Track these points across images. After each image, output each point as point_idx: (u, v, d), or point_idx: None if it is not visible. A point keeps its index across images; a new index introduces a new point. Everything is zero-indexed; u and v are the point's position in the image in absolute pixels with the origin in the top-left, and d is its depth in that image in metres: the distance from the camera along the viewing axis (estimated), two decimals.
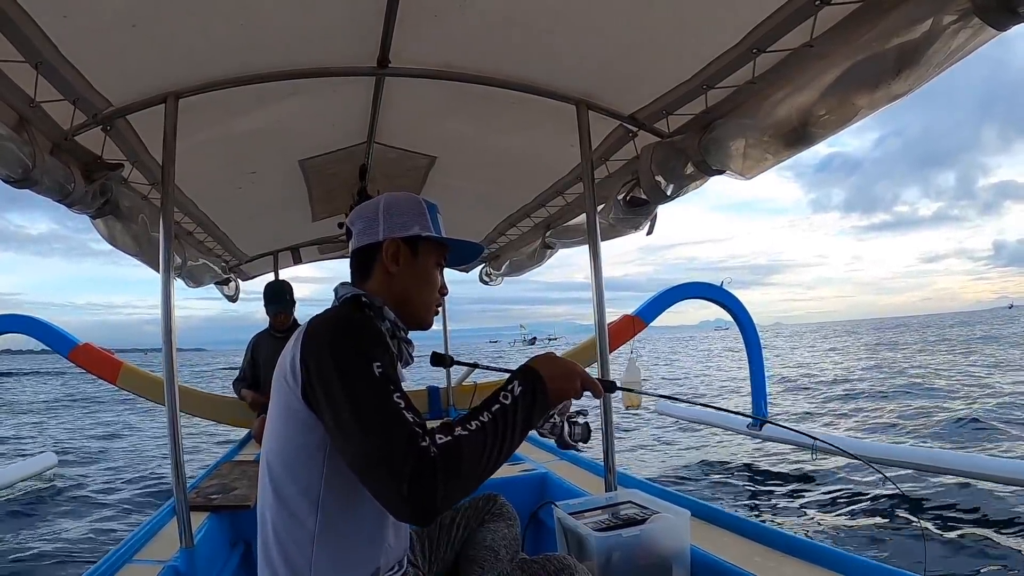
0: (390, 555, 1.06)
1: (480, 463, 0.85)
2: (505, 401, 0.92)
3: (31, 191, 1.69)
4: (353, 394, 0.86)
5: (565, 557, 1.27)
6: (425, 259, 1.14)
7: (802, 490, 4.98)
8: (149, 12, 1.42)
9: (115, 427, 11.23)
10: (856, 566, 1.33)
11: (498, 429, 0.88)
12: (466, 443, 0.84)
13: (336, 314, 1.03)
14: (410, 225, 1.12)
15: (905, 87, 1.25)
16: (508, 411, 0.91)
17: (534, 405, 0.95)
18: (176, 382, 1.68)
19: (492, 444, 0.87)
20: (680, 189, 2.13)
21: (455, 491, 0.82)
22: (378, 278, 1.12)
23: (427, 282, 1.15)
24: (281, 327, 3.79)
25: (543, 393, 0.97)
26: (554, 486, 2.30)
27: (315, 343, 0.94)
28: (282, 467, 0.98)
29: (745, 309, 4.87)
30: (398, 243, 1.11)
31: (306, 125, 2.39)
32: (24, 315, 4.22)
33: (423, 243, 1.13)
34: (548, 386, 0.98)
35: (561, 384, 1.00)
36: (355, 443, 0.84)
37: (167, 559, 1.56)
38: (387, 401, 0.85)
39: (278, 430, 1.00)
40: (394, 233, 1.11)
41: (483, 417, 0.89)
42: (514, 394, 0.94)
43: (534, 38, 1.74)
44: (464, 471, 0.82)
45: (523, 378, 0.97)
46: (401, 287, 1.12)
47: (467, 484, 0.84)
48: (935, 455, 4.50)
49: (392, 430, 0.82)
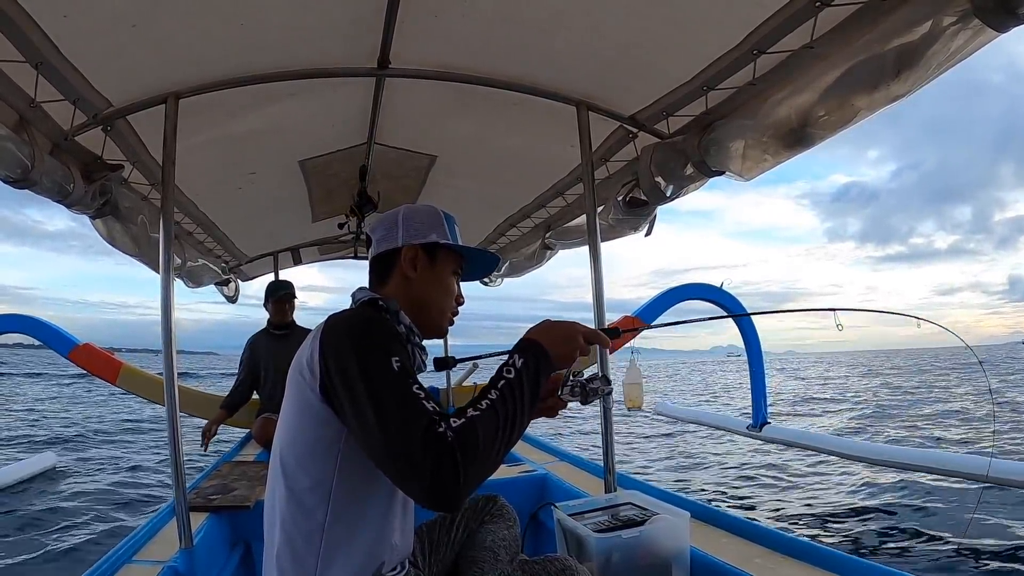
0: (394, 555, 1.06)
1: (495, 441, 0.86)
2: (509, 376, 0.93)
3: (31, 191, 1.69)
4: (373, 388, 0.87)
5: (566, 558, 1.27)
6: (442, 267, 1.17)
7: (801, 491, 4.98)
8: (149, 12, 1.42)
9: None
10: (855, 567, 1.33)
11: (507, 405, 0.89)
12: (479, 422, 0.85)
13: (355, 312, 1.06)
14: (428, 232, 1.15)
15: (905, 88, 1.26)
16: (514, 385, 0.92)
17: (539, 374, 0.96)
18: (176, 382, 1.68)
19: (504, 420, 0.88)
20: (680, 190, 2.13)
21: (476, 472, 0.83)
22: (396, 283, 1.15)
23: (444, 289, 1.17)
24: (283, 322, 3.78)
25: (546, 359, 0.98)
26: (554, 487, 2.30)
27: (334, 338, 0.95)
28: (295, 461, 0.99)
29: (744, 309, 4.87)
30: (416, 249, 1.14)
31: (306, 125, 2.39)
32: (25, 315, 4.22)
33: (441, 251, 1.16)
34: (549, 351, 0.99)
35: (563, 348, 1.01)
36: (376, 436, 0.85)
37: (166, 559, 1.56)
38: (407, 392, 0.86)
39: (293, 424, 1.00)
40: (413, 240, 1.14)
41: (492, 395, 0.90)
42: (516, 367, 0.95)
43: (534, 39, 1.74)
44: (481, 450, 0.83)
45: (523, 350, 0.98)
46: (418, 293, 1.14)
47: (486, 463, 0.85)
48: (937, 456, 4.48)
49: (412, 421, 0.83)
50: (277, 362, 3.66)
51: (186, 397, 4.25)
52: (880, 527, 3.95)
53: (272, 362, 3.70)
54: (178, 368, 1.71)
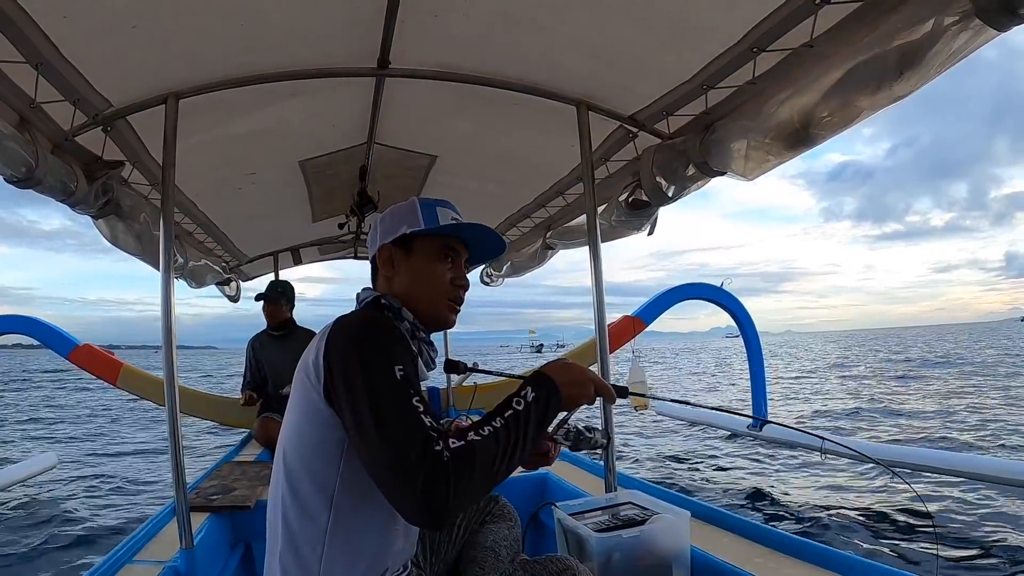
0: (397, 559, 1.06)
1: (492, 469, 0.86)
2: (518, 407, 0.93)
3: (34, 191, 1.69)
4: (374, 395, 0.87)
5: (567, 558, 1.27)
6: (420, 256, 1.13)
7: (802, 490, 4.98)
8: (149, 13, 1.42)
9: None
10: (856, 567, 1.33)
11: (511, 435, 0.89)
12: (479, 448, 0.85)
13: (361, 315, 1.05)
14: (399, 227, 1.13)
15: (907, 88, 1.25)
16: (521, 417, 0.92)
17: (547, 411, 0.96)
18: (176, 382, 1.68)
19: (504, 450, 0.87)
20: (682, 190, 2.13)
21: (466, 496, 0.83)
22: (382, 286, 1.15)
23: (427, 278, 1.13)
24: (274, 323, 3.78)
25: (556, 399, 0.97)
26: (554, 487, 2.30)
27: (339, 342, 0.95)
28: (299, 463, 0.99)
29: (745, 309, 4.87)
30: (389, 248, 1.13)
31: (306, 126, 2.39)
32: (25, 316, 4.22)
33: (417, 241, 1.13)
34: (561, 392, 0.98)
35: (574, 390, 1.00)
36: (371, 444, 0.85)
37: (167, 560, 1.56)
38: (406, 404, 0.86)
39: (298, 426, 1.00)
40: (385, 239, 1.14)
41: (496, 423, 0.89)
42: (527, 400, 0.94)
43: (534, 38, 1.74)
44: (476, 476, 0.83)
45: (536, 385, 0.97)
46: (402, 289, 1.12)
47: (478, 489, 0.85)
48: (942, 456, 4.47)
49: (408, 435, 0.83)
50: (276, 362, 3.67)
51: (186, 397, 4.25)
52: (880, 527, 3.95)
53: (271, 363, 3.71)
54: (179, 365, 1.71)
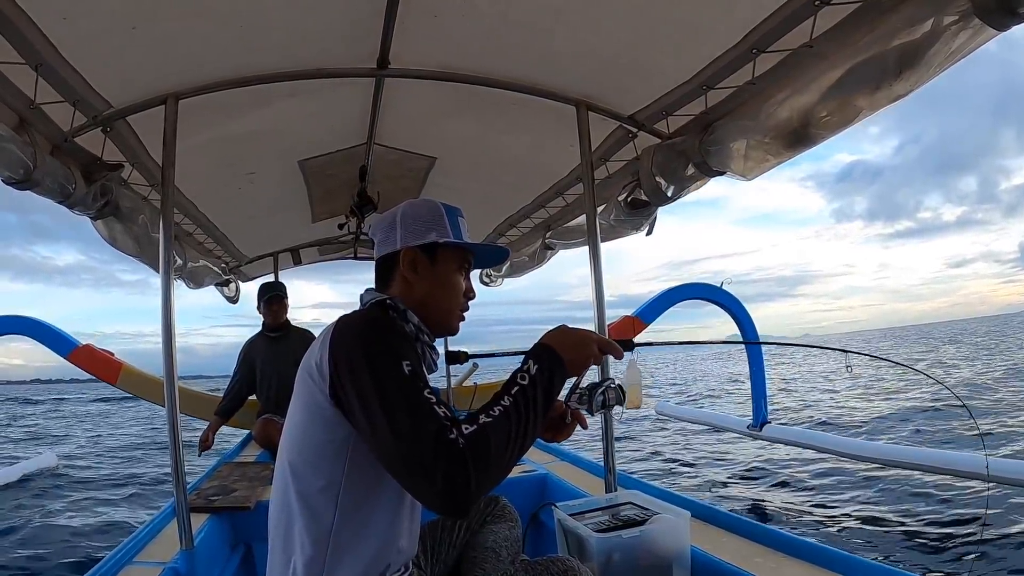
0: (399, 558, 1.06)
1: (507, 448, 0.86)
2: (523, 382, 0.93)
3: (32, 192, 1.69)
4: (384, 392, 0.87)
5: (567, 559, 1.27)
6: (445, 265, 1.13)
7: (801, 490, 4.98)
8: (149, 14, 1.42)
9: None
10: (856, 566, 1.33)
11: (521, 412, 0.89)
12: (491, 429, 0.85)
13: (365, 314, 1.04)
14: (426, 232, 1.12)
15: (906, 88, 1.26)
16: (528, 392, 0.92)
17: (552, 381, 0.96)
18: (176, 383, 1.68)
19: (517, 428, 0.87)
20: (681, 190, 2.14)
21: (487, 478, 0.83)
22: (399, 286, 1.12)
23: (448, 288, 1.13)
24: (276, 323, 3.77)
25: (560, 366, 0.97)
26: (554, 487, 2.29)
27: (344, 341, 0.94)
28: (303, 463, 0.98)
29: (745, 310, 4.86)
30: (415, 251, 1.11)
31: (306, 126, 2.39)
32: (25, 316, 4.21)
33: (442, 249, 1.13)
34: (563, 358, 0.98)
35: (576, 354, 1.00)
36: (387, 441, 0.85)
37: (167, 561, 1.56)
38: (418, 397, 0.86)
39: (301, 426, 1.00)
40: (410, 242, 1.11)
41: (504, 401, 0.89)
42: (531, 373, 0.94)
43: (534, 39, 1.74)
44: (493, 457, 0.83)
45: (537, 356, 0.97)
46: (421, 295, 1.11)
47: (497, 470, 0.85)
48: (938, 455, 4.46)
49: (423, 427, 0.83)
50: (275, 364, 3.65)
51: (186, 398, 4.24)
52: (880, 526, 3.95)
53: (270, 364, 3.69)
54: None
